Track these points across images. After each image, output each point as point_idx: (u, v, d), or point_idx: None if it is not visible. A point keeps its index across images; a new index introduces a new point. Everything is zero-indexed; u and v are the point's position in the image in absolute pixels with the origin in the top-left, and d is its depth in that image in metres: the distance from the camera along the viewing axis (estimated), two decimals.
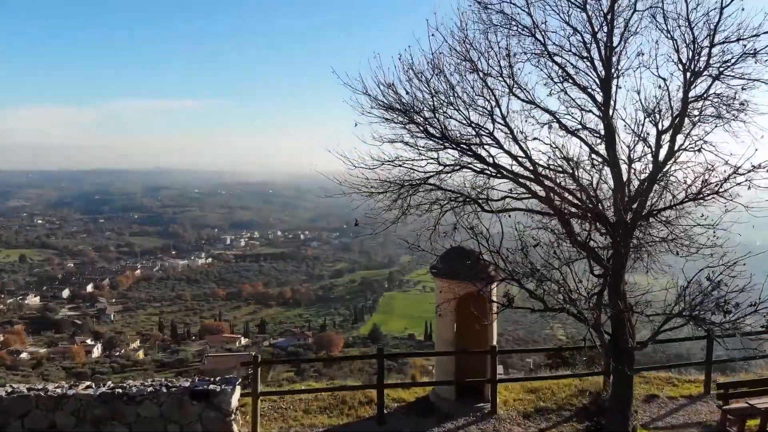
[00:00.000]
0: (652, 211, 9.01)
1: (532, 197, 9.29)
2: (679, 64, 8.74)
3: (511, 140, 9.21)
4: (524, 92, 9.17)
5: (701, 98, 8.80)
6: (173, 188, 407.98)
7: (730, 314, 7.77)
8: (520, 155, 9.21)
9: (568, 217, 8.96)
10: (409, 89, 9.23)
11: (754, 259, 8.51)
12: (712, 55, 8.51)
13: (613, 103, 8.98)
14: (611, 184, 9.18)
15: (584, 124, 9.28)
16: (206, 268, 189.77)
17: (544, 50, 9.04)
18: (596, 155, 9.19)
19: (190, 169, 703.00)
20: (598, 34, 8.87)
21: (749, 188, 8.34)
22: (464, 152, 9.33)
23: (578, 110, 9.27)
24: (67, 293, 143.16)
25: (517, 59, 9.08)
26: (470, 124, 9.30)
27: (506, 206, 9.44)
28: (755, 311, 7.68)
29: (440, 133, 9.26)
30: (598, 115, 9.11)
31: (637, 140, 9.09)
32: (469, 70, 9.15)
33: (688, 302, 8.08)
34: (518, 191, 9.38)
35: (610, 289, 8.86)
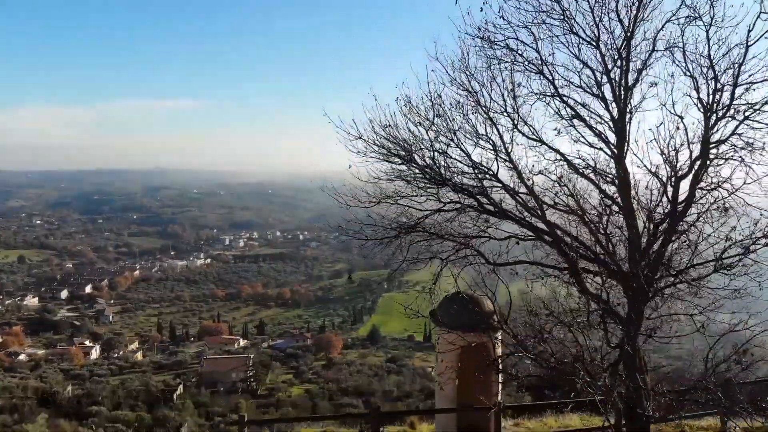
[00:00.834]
0: (669, 268, 8.20)
1: (537, 239, 8.78)
2: (698, 103, 8.04)
3: (516, 177, 8.75)
4: (530, 129, 8.70)
5: (724, 143, 8.08)
6: (173, 188, 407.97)
7: (765, 414, 7.01)
8: (524, 192, 8.74)
9: (580, 271, 8.37)
10: (406, 127, 8.88)
11: None
12: (735, 96, 7.79)
13: (626, 144, 8.37)
14: (625, 230, 8.52)
15: (596, 164, 8.69)
16: (205, 268, 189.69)
17: (552, 89, 8.52)
18: (607, 198, 8.59)
19: (189, 169, 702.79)
20: (611, 72, 8.28)
21: None
22: (466, 195, 8.90)
23: (589, 148, 8.77)
24: (65, 294, 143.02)
25: (523, 98, 8.64)
26: (472, 164, 8.87)
27: (510, 259, 8.90)
28: None
29: (440, 176, 8.85)
30: (610, 155, 8.54)
31: (653, 185, 8.42)
32: (470, 103, 8.75)
33: (711, 381, 7.29)
34: (523, 232, 8.87)
35: (626, 360, 8.05)
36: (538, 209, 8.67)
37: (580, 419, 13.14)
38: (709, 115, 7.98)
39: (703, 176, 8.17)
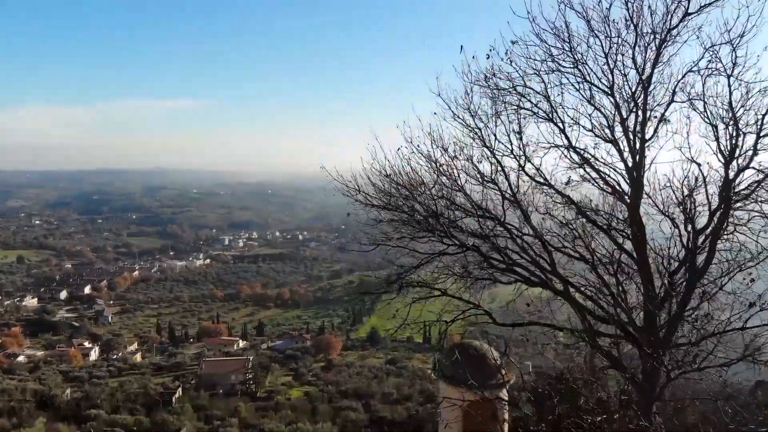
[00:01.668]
0: (689, 324, 7.68)
1: (545, 288, 8.48)
2: (718, 153, 7.61)
3: (523, 220, 8.47)
4: (538, 172, 8.37)
5: (747, 198, 7.65)
6: (172, 188, 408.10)
7: None
8: (530, 234, 8.45)
9: (593, 330, 8.04)
10: (405, 172, 8.68)
11: None
12: (759, 147, 7.39)
13: (642, 193, 8.00)
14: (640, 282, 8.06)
15: (610, 222, 8.29)
16: (204, 269, 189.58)
17: (563, 138, 8.17)
18: (620, 249, 8.16)
19: (189, 169, 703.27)
20: (627, 121, 7.91)
21: None
22: (470, 250, 8.61)
23: (599, 191, 8.45)
24: (64, 295, 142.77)
25: (529, 140, 8.31)
26: (476, 207, 8.60)
27: (522, 320, 8.59)
28: None
29: (443, 231, 8.59)
30: (623, 201, 8.17)
31: (670, 231, 8.01)
32: (475, 143, 8.49)
33: None
34: (531, 277, 8.53)
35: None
36: (546, 257, 8.31)
37: None
38: (729, 165, 7.54)
39: (723, 233, 7.68)
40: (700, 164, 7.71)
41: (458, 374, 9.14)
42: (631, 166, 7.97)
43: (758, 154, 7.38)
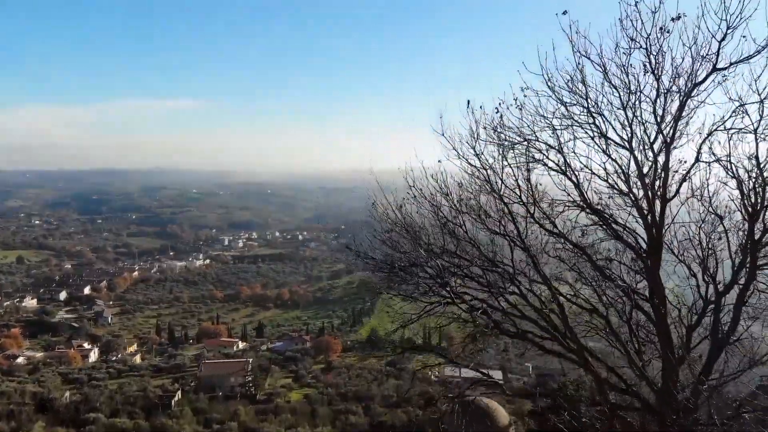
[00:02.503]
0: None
1: (562, 358, 8.12)
2: (742, 208, 7.23)
3: (535, 269, 8.06)
4: (550, 223, 8.01)
5: None
6: (172, 188, 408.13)
7: None
8: (540, 282, 8.07)
9: (614, 408, 7.68)
10: (405, 226, 8.51)
11: None
12: None
13: (661, 253, 7.61)
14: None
15: (628, 292, 7.85)
16: (204, 269, 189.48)
17: (577, 194, 7.81)
18: (637, 308, 7.81)
19: (189, 169, 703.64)
20: (646, 176, 7.56)
21: None
22: (476, 310, 8.34)
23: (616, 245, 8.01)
24: (64, 295, 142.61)
25: (546, 199, 7.99)
26: (484, 263, 8.25)
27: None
28: None
29: (451, 291, 8.34)
30: (641, 258, 7.78)
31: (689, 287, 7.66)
32: (484, 187, 8.20)
33: None
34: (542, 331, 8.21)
35: None
36: (562, 321, 7.95)
37: None
38: (755, 222, 7.13)
39: (749, 296, 7.26)
40: (723, 217, 7.38)
41: None
42: (650, 222, 7.60)
43: None
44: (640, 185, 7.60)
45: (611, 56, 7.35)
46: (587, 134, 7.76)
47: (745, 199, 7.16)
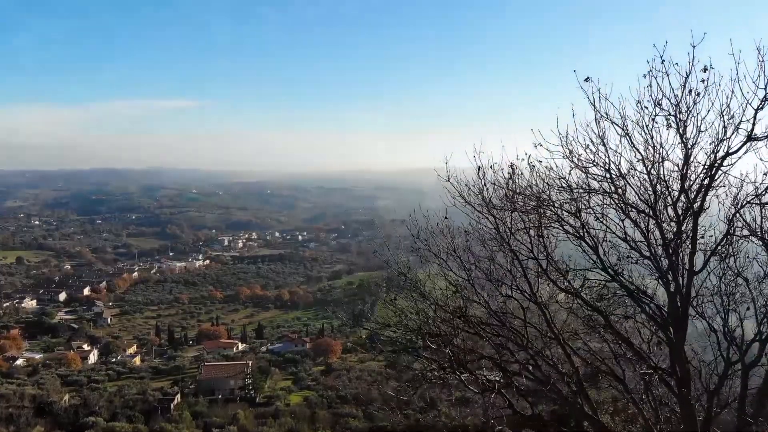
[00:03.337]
0: None
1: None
2: None
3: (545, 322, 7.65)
4: (565, 281, 7.57)
5: None
6: (171, 188, 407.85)
7: None
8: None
9: None
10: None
11: None
12: None
13: (686, 328, 7.21)
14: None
15: (649, 361, 7.40)
16: (204, 270, 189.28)
17: (595, 256, 7.41)
18: (663, 383, 7.40)
19: (188, 169, 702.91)
20: (670, 246, 7.08)
21: None
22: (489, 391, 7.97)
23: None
24: (63, 296, 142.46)
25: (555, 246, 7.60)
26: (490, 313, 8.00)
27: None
28: None
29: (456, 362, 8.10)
30: (664, 331, 7.35)
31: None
32: (494, 242, 7.87)
33: None
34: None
35: None
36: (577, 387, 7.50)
37: None
38: None
39: None
40: (749, 281, 7.01)
41: None
42: (673, 290, 7.11)
43: None
44: (663, 253, 7.20)
45: (634, 117, 6.96)
46: (608, 199, 7.37)
47: None
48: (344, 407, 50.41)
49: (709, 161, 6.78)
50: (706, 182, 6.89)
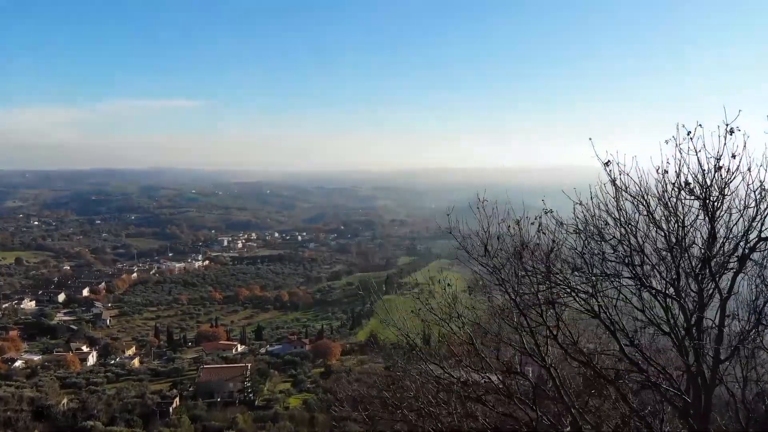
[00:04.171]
0: None
1: None
2: None
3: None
4: (576, 347, 7.11)
5: None
6: (171, 189, 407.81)
7: None
8: None
9: None
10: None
11: None
12: None
13: (710, 413, 6.73)
14: None
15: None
16: (203, 270, 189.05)
17: (612, 337, 6.93)
18: None
19: (187, 169, 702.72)
20: (693, 329, 6.62)
21: None
22: None
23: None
24: (62, 297, 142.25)
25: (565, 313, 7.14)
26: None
27: None
28: None
29: None
30: (686, 418, 6.78)
31: None
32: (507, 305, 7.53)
33: None
34: None
35: None
36: None
37: None
38: None
39: None
40: None
41: None
42: (695, 372, 6.60)
43: None
44: (685, 334, 6.73)
45: (659, 197, 6.65)
46: (628, 280, 6.87)
47: None
48: (343, 410, 50.13)
49: (740, 245, 6.40)
50: (735, 266, 6.46)
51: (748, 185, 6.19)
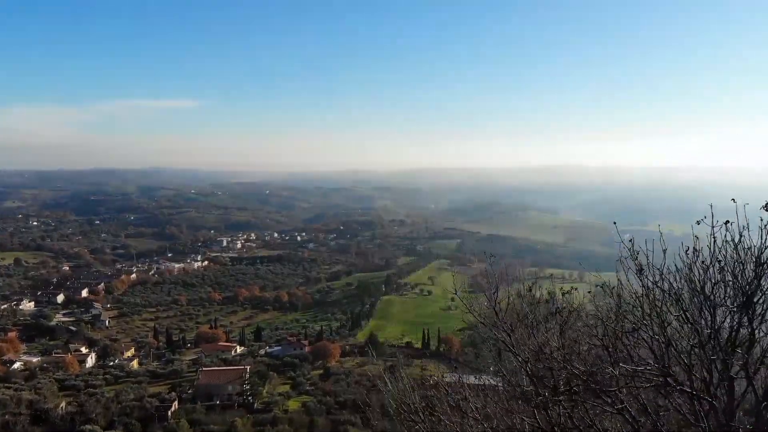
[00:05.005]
0: None
1: None
2: None
3: None
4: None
5: None
6: (170, 189, 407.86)
7: None
8: None
9: None
10: None
11: None
12: None
13: None
14: None
15: None
16: (202, 271, 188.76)
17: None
18: None
19: (187, 168, 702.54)
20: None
21: None
22: None
23: None
24: (61, 298, 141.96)
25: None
26: None
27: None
28: None
29: None
30: None
31: None
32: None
33: None
34: None
35: None
36: None
37: None
38: None
39: None
40: None
41: None
42: None
43: None
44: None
45: (687, 284, 6.18)
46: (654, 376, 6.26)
47: None
48: (342, 413, 50.02)
49: None
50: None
51: None
